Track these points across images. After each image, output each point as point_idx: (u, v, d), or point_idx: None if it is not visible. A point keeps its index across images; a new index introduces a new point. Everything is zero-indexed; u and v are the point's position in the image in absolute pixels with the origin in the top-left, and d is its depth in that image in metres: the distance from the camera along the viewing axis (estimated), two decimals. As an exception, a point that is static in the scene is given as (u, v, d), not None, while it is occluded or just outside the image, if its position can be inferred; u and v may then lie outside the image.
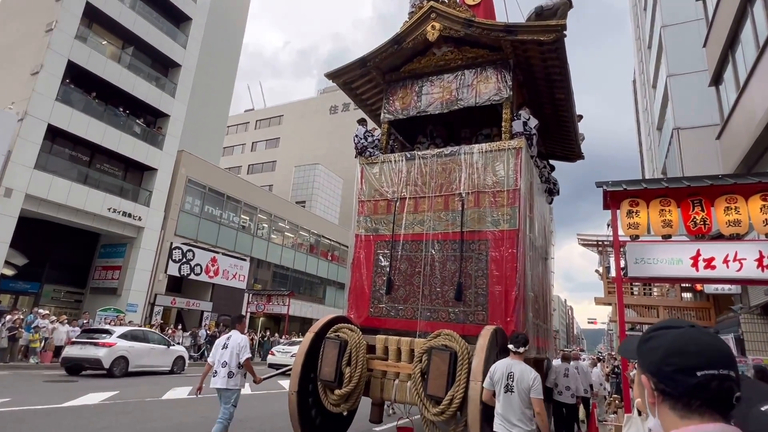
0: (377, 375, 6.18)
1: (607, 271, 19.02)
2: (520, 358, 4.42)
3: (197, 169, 24.83)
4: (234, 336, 5.69)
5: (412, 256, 6.91)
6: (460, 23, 7.19)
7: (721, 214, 6.08)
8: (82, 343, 13.00)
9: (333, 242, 37.64)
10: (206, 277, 24.50)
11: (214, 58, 32.92)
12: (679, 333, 1.02)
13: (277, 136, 52.28)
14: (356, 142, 7.98)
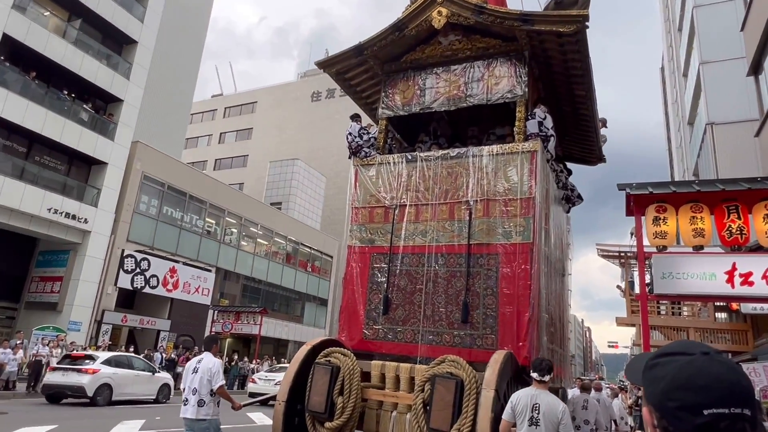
0: (372, 406, 6.24)
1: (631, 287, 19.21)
2: (545, 387, 4.50)
3: (155, 164, 24.69)
4: (206, 359, 5.70)
5: (413, 271, 6.97)
6: (470, 9, 7.24)
7: (760, 222, 6.18)
8: (64, 369, 13.62)
9: (314, 251, 37.57)
10: (164, 290, 24.32)
11: (177, 34, 32.81)
12: (687, 362, 0.99)
13: (250, 126, 52.17)
14: (350, 140, 8.05)
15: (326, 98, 49.62)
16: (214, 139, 53.36)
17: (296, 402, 6.23)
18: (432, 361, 5.87)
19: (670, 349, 1.05)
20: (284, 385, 6.20)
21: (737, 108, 18.52)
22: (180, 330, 25.26)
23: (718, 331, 17.64)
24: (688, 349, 1.03)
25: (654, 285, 6.71)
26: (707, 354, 1.00)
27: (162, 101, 31.28)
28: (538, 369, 4.55)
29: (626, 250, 19.68)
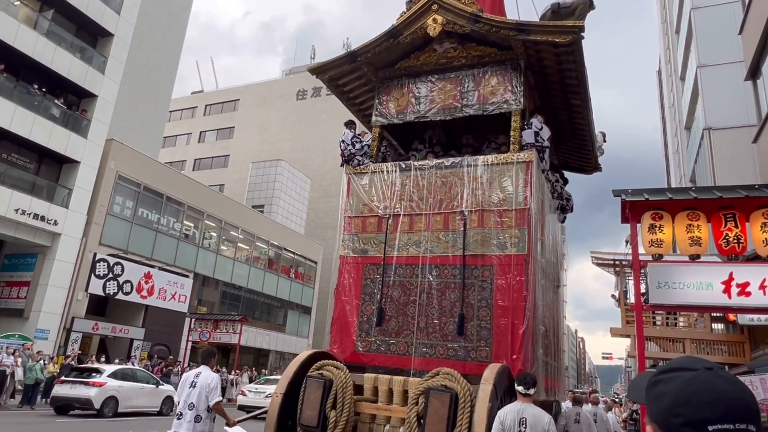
0: (365, 419, 6.36)
1: (625, 297, 19.39)
2: (530, 401, 4.76)
3: (130, 163, 24.47)
4: (204, 374, 5.80)
5: (407, 282, 7.12)
6: (466, 18, 7.41)
7: (758, 231, 6.28)
8: (71, 382, 14.75)
9: (297, 256, 37.44)
10: (138, 297, 24.06)
11: (156, 27, 32.61)
12: (691, 378, 1.02)
13: (231, 124, 51.95)
14: (342, 148, 8.19)
15: (312, 97, 49.58)
16: (194, 137, 53.04)
17: (287, 416, 6.33)
18: (425, 374, 6.00)
19: (672, 365, 1.08)
20: (275, 399, 6.31)
21: (735, 113, 18.83)
22: (155, 339, 25.00)
23: (715, 343, 17.87)
24: (691, 365, 1.05)
25: (649, 295, 6.78)
26: (710, 369, 1.02)
27: (139, 97, 31.04)
28: (523, 383, 4.78)
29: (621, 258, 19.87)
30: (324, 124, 47.40)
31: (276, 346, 34.48)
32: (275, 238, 35.28)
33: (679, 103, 29.85)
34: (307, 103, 49.64)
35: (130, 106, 29.90)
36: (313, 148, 47.21)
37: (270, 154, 46.15)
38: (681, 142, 30.23)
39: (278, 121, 49.80)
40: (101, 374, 14.96)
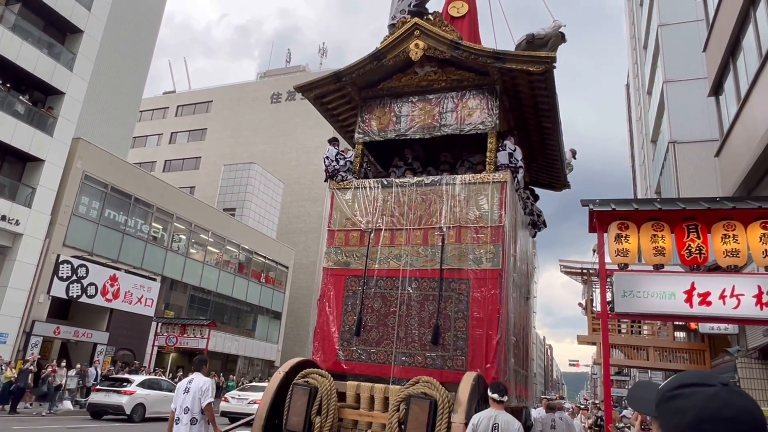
0: (347, 425, 6.68)
1: (592, 305, 19.74)
2: (502, 407, 5.13)
3: (98, 163, 23.90)
4: (196, 379, 6.14)
5: (387, 294, 7.46)
6: (446, 44, 7.87)
7: (719, 242, 6.47)
8: (105, 390, 16.70)
9: (268, 260, 37.06)
10: (102, 300, 23.45)
11: (127, 25, 32.02)
12: (712, 394, 1.05)
13: (204, 126, 51.25)
14: (327, 164, 8.51)
15: (287, 100, 49.29)
16: (165, 138, 52.12)
17: (274, 422, 6.58)
18: (405, 382, 6.37)
19: (688, 380, 1.11)
20: (262, 406, 6.60)
21: (699, 127, 19.44)
22: (119, 343, 24.37)
23: (677, 351, 18.32)
24: (708, 380, 1.09)
25: (615, 303, 6.91)
26: (726, 385, 1.07)
27: (108, 96, 30.39)
28: (497, 391, 5.17)
29: (589, 267, 20.23)
30: (298, 128, 47.15)
31: (245, 351, 34.00)
32: (246, 242, 34.86)
33: (645, 117, 30.67)
34: (281, 106, 49.33)
35: (99, 104, 29.23)
36: (286, 152, 46.89)
37: (242, 156, 45.65)
38: (647, 154, 31.04)
39: (252, 124, 49.34)
40: (131, 384, 16.85)
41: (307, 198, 44.93)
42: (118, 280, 24.16)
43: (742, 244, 6.45)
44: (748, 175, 12.12)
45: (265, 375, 35.13)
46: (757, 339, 11.91)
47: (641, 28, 31.21)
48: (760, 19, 11.38)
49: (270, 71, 56.77)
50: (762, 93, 11.16)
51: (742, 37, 12.73)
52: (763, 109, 11.03)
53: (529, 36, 8.53)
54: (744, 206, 6.54)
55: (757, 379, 12.71)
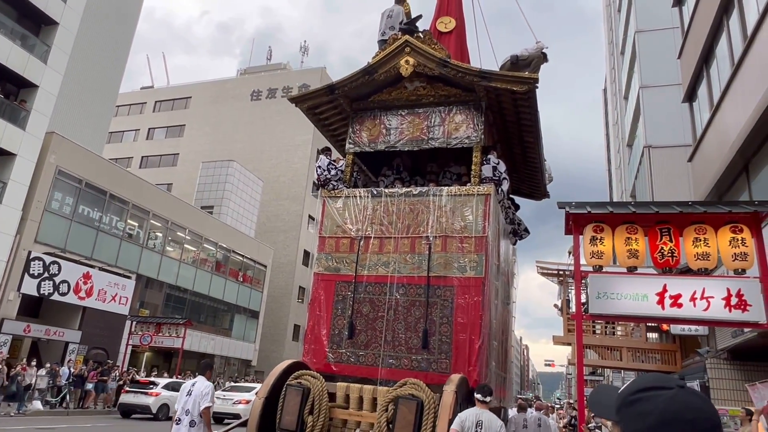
0: (337, 424, 7.03)
1: (567, 306, 20.00)
2: (487, 407, 5.62)
3: (72, 158, 23.42)
4: (199, 382, 6.44)
5: (376, 299, 7.80)
6: (435, 62, 8.28)
7: (690, 245, 6.60)
8: (134, 392, 18.67)
9: (246, 259, 36.74)
10: (75, 298, 22.97)
11: (105, 18, 31.42)
12: (671, 396, 1.08)
13: (182, 122, 50.56)
14: (319, 173, 8.87)
15: (267, 98, 48.92)
16: (142, 134, 51.27)
17: (268, 420, 6.86)
18: (392, 384, 6.74)
19: (647, 384, 1.13)
20: (257, 405, 6.92)
21: (673, 132, 19.84)
22: (92, 342, 23.90)
23: (649, 351, 18.67)
24: (665, 383, 1.11)
25: (589, 304, 7.00)
26: (683, 387, 1.10)
27: (84, 90, 29.80)
28: (482, 392, 5.69)
29: (565, 269, 20.49)
30: (278, 126, 46.82)
31: (221, 350, 33.65)
32: (224, 241, 34.51)
33: (622, 121, 31.19)
34: (261, 104, 48.93)
35: (74, 98, 28.64)
36: (266, 150, 46.53)
37: (221, 154, 45.16)
38: (623, 158, 31.56)
39: (231, 121, 48.82)
40: (157, 386, 18.71)
41: (286, 197, 44.65)
42: (91, 277, 23.69)
43: (713, 248, 6.60)
44: (720, 180, 12.41)
45: (242, 375, 34.82)
46: (726, 340, 12.20)
47: (619, 34, 31.72)
48: (733, 28, 11.65)
49: (251, 68, 56.28)
50: (733, 100, 11.43)
51: (715, 45, 13.02)
52: (734, 116, 11.30)
53: (514, 57, 9.09)
54: (715, 210, 6.69)
55: (725, 379, 13.02)
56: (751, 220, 6.56)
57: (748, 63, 10.42)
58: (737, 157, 11.22)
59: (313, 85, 47.83)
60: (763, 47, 9.61)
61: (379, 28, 9.73)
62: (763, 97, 9.35)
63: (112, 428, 15.34)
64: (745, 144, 10.62)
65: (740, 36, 11.04)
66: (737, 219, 6.58)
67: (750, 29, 10.27)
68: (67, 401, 19.05)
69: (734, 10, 11.55)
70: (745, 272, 6.47)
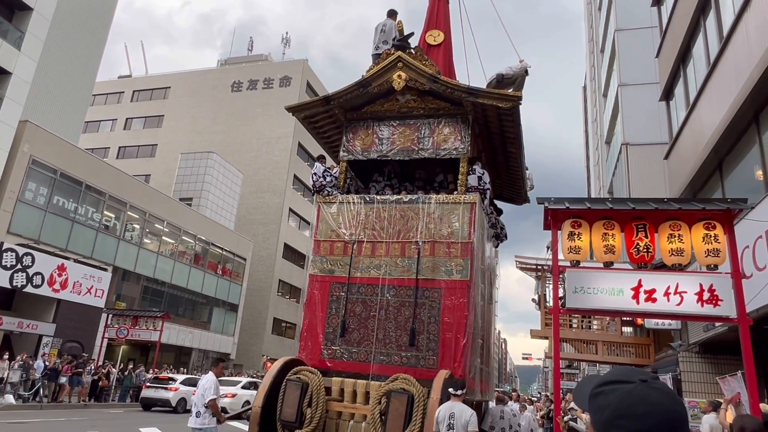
0: (333, 416, 7.53)
1: (545, 300, 20.24)
2: (460, 400, 6.17)
3: (46, 147, 22.91)
4: (205, 377, 7.05)
5: (368, 299, 8.26)
6: (426, 77, 8.78)
7: (665, 241, 6.73)
8: (155, 387, 20.35)
9: (225, 252, 36.43)
10: (49, 290, 22.53)
11: (81, 4, 30.71)
12: (627, 391, 1.10)
13: (161, 113, 49.77)
14: (314, 180, 9.32)
15: (248, 89, 48.40)
16: (119, 124, 50.35)
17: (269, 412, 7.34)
18: (383, 379, 7.27)
19: (612, 378, 1.17)
20: (258, 398, 7.42)
21: (650, 130, 20.16)
22: (67, 335, 23.48)
23: (624, 345, 19.01)
24: (628, 378, 1.14)
25: (566, 299, 7.09)
26: (645, 382, 1.11)
27: (59, 78, 29.12)
28: (454, 386, 6.25)
29: (543, 264, 20.73)
30: (259, 118, 46.37)
31: (199, 344, 33.37)
32: (203, 233, 34.15)
33: (601, 119, 31.58)
34: (242, 95, 48.39)
35: (48, 86, 27.98)
36: (246, 142, 46.08)
37: (201, 145, 44.60)
38: (601, 155, 31.98)
39: (211, 112, 48.20)
40: (176, 382, 20.44)
41: (266, 189, 44.31)
42: (66, 269, 23.24)
43: (687, 244, 6.72)
44: (694, 177, 12.66)
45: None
46: (698, 334, 12.48)
47: (599, 32, 32.05)
48: (710, 28, 11.85)
49: (231, 59, 55.58)
50: (709, 100, 11.65)
51: (692, 45, 13.24)
52: (709, 115, 11.52)
53: (499, 76, 9.71)
54: (689, 207, 6.82)
55: (697, 372, 13.34)
56: (724, 217, 6.70)
57: (724, 63, 10.62)
58: (711, 155, 11.44)
59: (295, 77, 47.52)
60: (738, 48, 9.80)
61: (373, 42, 10.14)
62: (738, 97, 9.55)
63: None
64: (720, 143, 10.84)
65: (716, 36, 11.24)
66: (710, 216, 6.71)
67: (726, 29, 10.47)
68: (41, 395, 18.71)
69: (711, 10, 11.75)
70: (718, 268, 6.61)
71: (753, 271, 8.70)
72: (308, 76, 49.17)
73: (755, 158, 9.94)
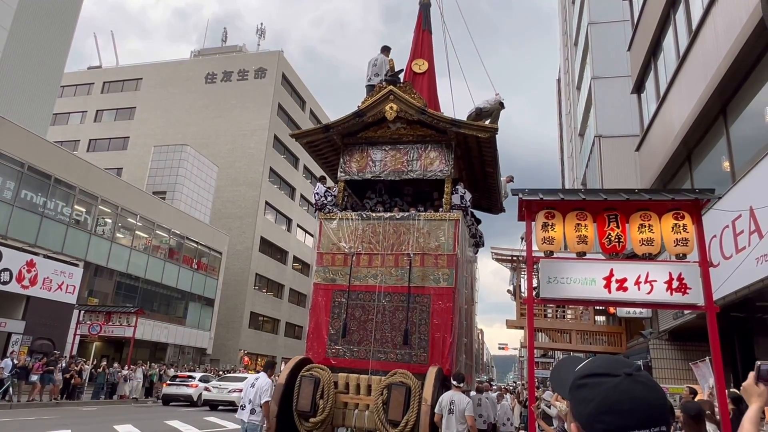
0: (339, 406, 8.62)
1: (520, 290, 20.48)
2: (460, 390, 7.51)
3: (12, 140, 22.26)
4: (261, 378, 7.90)
5: (366, 305, 9.34)
6: (415, 109, 9.92)
7: (635, 231, 6.85)
8: (177, 384, 22.48)
9: (201, 246, 35.99)
10: (18, 286, 21.94)
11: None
12: (613, 385, 1.10)
13: (133, 104, 48.75)
14: (316, 199, 10.54)
15: (222, 81, 47.69)
16: (89, 116, 49.17)
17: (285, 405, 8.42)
18: (381, 373, 8.48)
19: (596, 369, 1.16)
20: (277, 393, 8.37)
21: (622, 123, 20.48)
22: (37, 333, 22.94)
23: (597, 334, 19.38)
24: (613, 370, 1.14)
25: (540, 289, 7.17)
26: (630, 375, 1.12)
27: (25, 69, 28.24)
28: (456, 378, 7.58)
29: (518, 255, 20.96)
30: (234, 110, 45.76)
31: (175, 339, 32.97)
32: (177, 227, 33.65)
33: (574, 111, 31.95)
34: (216, 87, 47.65)
35: (14, 77, 27.13)
36: (221, 134, 45.46)
37: (174, 138, 43.82)
38: (575, 147, 32.40)
39: (184, 104, 47.36)
40: (195, 379, 22.53)
41: (242, 182, 43.82)
42: (35, 265, 22.65)
43: (657, 234, 6.85)
44: (664, 169, 12.91)
45: (197, 363, 34.24)
46: (667, 322, 12.79)
47: (573, 26, 32.37)
48: (679, 22, 12.06)
49: (205, 50, 54.64)
50: (678, 92, 11.87)
51: (663, 39, 13.46)
52: (679, 107, 11.74)
53: (478, 109, 11.02)
54: (659, 198, 6.93)
55: (667, 359, 13.68)
56: (692, 207, 6.84)
57: (693, 56, 10.82)
58: (681, 147, 11.68)
59: (270, 68, 46.99)
60: (706, 41, 9.99)
61: (366, 74, 11.44)
62: (706, 89, 9.75)
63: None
64: (689, 135, 11.07)
65: (686, 30, 11.44)
66: (679, 206, 6.84)
67: (695, 23, 10.66)
68: (10, 394, 18.26)
69: (681, 4, 11.95)
70: (686, 257, 6.76)
71: (720, 259, 8.93)
72: (284, 68, 48.66)
73: (722, 150, 10.17)
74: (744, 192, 8.46)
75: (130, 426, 13.61)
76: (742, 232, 8.33)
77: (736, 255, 8.45)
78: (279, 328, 47.40)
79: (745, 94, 9.18)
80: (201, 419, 16.47)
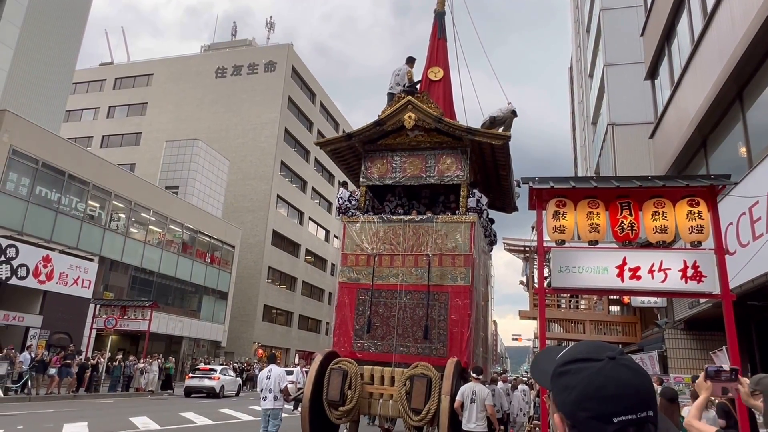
0: (365, 396, 9.36)
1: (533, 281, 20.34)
2: (479, 382, 8.28)
3: (27, 137, 22.49)
4: (274, 369, 9.12)
5: (388, 302, 9.94)
6: (432, 118, 10.42)
7: (649, 219, 6.71)
8: (199, 377, 24.16)
9: (214, 240, 36.21)
10: (35, 282, 22.25)
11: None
12: (596, 371, 1.04)
13: (144, 100, 49.04)
14: (340, 203, 11.13)
15: (232, 75, 47.77)
16: (102, 112, 49.57)
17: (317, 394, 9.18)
18: (403, 366, 9.16)
19: (577, 355, 1.09)
20: (309, 384, 9.25)
21: (636, 110, 20.16)
22: (54, 327, 23.28)
23: (611, 324, 19.21)
24: (594, 354, 1.07)
25: (552, 279, 7.08)
26: (613, 359, 1.05)
27: (38, 66, 28.48)
28: (475, 372, 8.32)
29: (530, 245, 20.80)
30: (244, 104, 45.84)
31: (190, 332, 33.29)
32: (190, 221, 33.87)
33: (587, 99, 31.53)
34: (226, 81, 47.75)
35: (27, 74, 27.37)
36: (232, 128, 45.59)
37: (186, 133, 44.05)
38: (588, 136, 32.01)
39: (195, 99, 47.54)
40: (216, 372, 24.46)
41: (254, 176, 43.97)
42: (51, 260, 22.95)
43: (671, 221, 6.71)
44: (679, 156, 12.68)
45: (212, 356, 34.56)
46: (683, 311, 12.60)
47: (584, 12, 31.88)
48: (693, 5, 11.78)
49: (215, 45, 54.75)
50: (693, 77, 11.62)
51: (677, 23, 13.17)
52: (694, 93, 11.50)
53: (491, 118, 11.69)
54: (673, 185, 6.79)
55: (682, 349, 13.50)
56: (707, 193, 6.69)
57: (708, 40, 10.57)
58: (696, 133, 11.45)
59: (280, 62, 46.96)
60: (722, 25, 9.75)
61: (389, 83, 12.03)
62: (721, 74, 9.52)
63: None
64: (704, 120, 10.84)
65: (700, 13, 11.18)
66: (694, 193, 6.69)
67: (710, 6, 10.40)
68: (29, 387, 18.57)
69: (695, -13, 11.66)
70: (701, 245, 6.62)
71: (736, 247, 8.75)
72: (293, 61, 48.60)
73: (739, 135, 9.94)
74: (761, 178, 8.25)
75: (145, 418, 13.76)
76: (759, 218, 8.14)
77: (753, 242, 8.26)
78: (292, 321, 47.66)
79: (762, 78, 8.94)
80: (215, 411, 16.62)
